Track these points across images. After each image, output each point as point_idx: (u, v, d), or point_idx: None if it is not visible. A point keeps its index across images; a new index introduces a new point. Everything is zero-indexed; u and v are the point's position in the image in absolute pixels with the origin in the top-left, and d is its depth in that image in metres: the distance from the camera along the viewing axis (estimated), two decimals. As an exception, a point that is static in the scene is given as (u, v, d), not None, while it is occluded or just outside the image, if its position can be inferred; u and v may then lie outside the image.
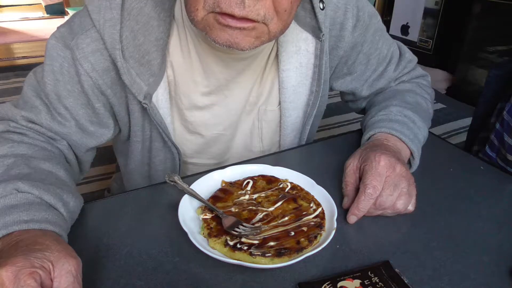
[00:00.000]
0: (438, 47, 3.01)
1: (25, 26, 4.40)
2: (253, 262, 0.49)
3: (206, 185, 0.63)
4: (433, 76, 3.44)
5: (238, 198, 0.61)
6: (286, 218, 0.57)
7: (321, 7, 0.69)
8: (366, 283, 0.48)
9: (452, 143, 0.86)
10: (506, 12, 2.47)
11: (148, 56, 0.64)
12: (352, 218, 0.58)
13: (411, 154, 0.69)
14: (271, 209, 0.59)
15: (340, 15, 0.73)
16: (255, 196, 0.61)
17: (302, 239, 0.53)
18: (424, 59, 3.03)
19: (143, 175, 0.82)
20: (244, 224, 0.54)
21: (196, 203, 0.60)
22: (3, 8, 4.98)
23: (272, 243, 0.52)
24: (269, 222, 0.56)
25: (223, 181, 0.65)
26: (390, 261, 0.52)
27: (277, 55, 0.73)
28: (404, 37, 3.19)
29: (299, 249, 0.51)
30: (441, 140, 0.87)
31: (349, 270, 0.50)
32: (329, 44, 0.75)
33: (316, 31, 0.70)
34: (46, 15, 4.75)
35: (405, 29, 3.21)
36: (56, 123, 0.66)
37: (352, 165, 0.64)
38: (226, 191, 0.62)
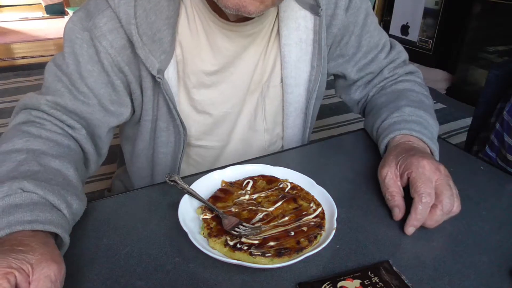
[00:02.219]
0: (438, 47, 3.01)
1: (25, 26, 4.40)
2: (253, 262, 0.49)
3: (206, 185, 0.63)
4: (433, 76, 3.42)
5: (238, 198, 0.61)
6: (286, 218, 0.57)
7: None
8: (366, 283, 0.48)
9: (452, 143, 0.86)
10: (506, 12, 2.48)
11: (159, 33, 0.67)
12: (411, 230, 0.57)
13: (432, 154, 0.69)
14: (271, 209, 0.59)
15: None
16: (255, 196, 0.62)
17: (302, 239, 0.53)
18: (424, 59, 3.04)
19: (148, 159, 0.83)
20: (244, 224, 0.55)
21: (196, 203, 0.60)
22: (3, 8, 4.98)
23: (272, 243, 0.52)
24: (269, 222, 0.56)
25: (223, 181, 0.65)
26: (390, 261, 0.52)
27: (278, 31, 0.76)
28: (404, 37, 3.19)
29: (299, 249, 0.51)
30: (441, 140, 0.86)
31: (349, 270, 0.50)
32: (325, 22, 0.78)
33: (314, 8, 0.74)
34: (46, 15, 4.75)
35: (405, 29, 3.21)
36: (80, 102, 0.68)
37: (390, 174, 0.62)
38: (226, 191, 0.62)
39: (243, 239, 0.52)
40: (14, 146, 0.58)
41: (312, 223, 0.56)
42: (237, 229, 0.53)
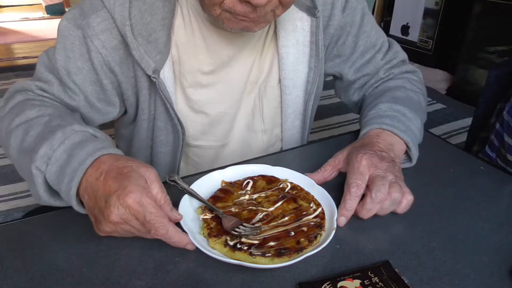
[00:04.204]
0: (438, 47, 3.01)
1: (26, 26, 4.40)
2: (253, 262, 0.49)
3: (206, 185, 0.63)
4: (433, 76, 3.40)
5: (238, 198, 0.61)
6: (286, 218, 0.57)
7: None
8: (366, 283, 0.48)
9: (452, 143, 0.86)
10: (506, 12, 2.48)
11: (155, 34, 0.67)
12: (342, 220, 0.58)
13: (407, 146, 0.70)
14: (271, 209, 0.59)
15: None
16: (255, 196, 0.61)
17: (302, 239, 0.53)
18: (424, 59, 3.03)
19: (146, 159, 0.84)
20: (244, 224, 0.55)
21: (196, 203, 0.60)
22: (4, 8, 4.98)
23: (272, 243, 0.52)
24: (269, 222, 0.56)
25: (223, 181, 0.65)
26: (390, 261, 0.52)
27: (275, 32, 0.77)
28: (404, 37, 3.19)
29: (299, 249, 0.51)
30: (441, 140, 0.87)
31: (349, 270, 0.50)
32: (322, 23, 0.78)
33: (311, 9, 0.75)
34: (46, 15, 4.75)
35: (405, 29, 3.21)
36: (67, 96, 0.69)
37: (335, 158, 0.67)
38: (226, 191, 0.62)
39: (243, 239, 0.52)
40: (29, 116, 0.62)
41: (312, 223, 0.56)
42: (237, 229, 0.53)
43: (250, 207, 0.59)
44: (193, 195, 0.59)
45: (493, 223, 0.61)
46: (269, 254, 0.50)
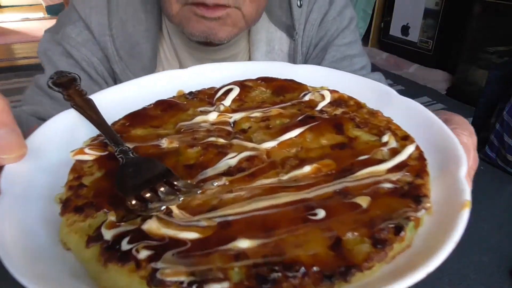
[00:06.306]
0: (438, 47, 3.01)
1: (26, 27, 4.41)
2: None
3: (143, 97, 0.33)
4: (433, 77, 3.41)
5: (192, 118, 0.30)
6: (308, 169, 0.25)
7: (299, 4, 0.67)
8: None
9: (452, 143, 0.86)
10: (506, 12, 2.47)
11: (138, 47, 0.63)
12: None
13: None
14: (271, 143, 0.27)
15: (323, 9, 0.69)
16: (236, 116, 0.30)
17: (350, 235, 0.23)
18: (424, 60, 3.04)
19: None
20: (181, 180, 0.25)
21: (89, 132, 0.30)
22: (4, 8, 4.99)
23: (243, 243, 0.21)
24: (254, 177, 0.25)
25: (179, 91, 0.36)
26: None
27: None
28: (404, 37, 3.19)
29: (342, 271, 0.21)
30: (441, 140, 0.87)
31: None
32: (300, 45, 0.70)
33: (290, 30, 0.68)
34: (47, 15, 4.75)
35: (405, 29, 3.20)
36: (59, 105, 0.63)
37: None
38: (170, 106, 0.32)
39: (152, 223, 0.22)
40: None
41: (389, 185, 0.25)
42: (146, 194, 0.24)
43: (211, 139, 0.28)
44: (85, 112, 0.30)
45: (493, 223, 0.61)
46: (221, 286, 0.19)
